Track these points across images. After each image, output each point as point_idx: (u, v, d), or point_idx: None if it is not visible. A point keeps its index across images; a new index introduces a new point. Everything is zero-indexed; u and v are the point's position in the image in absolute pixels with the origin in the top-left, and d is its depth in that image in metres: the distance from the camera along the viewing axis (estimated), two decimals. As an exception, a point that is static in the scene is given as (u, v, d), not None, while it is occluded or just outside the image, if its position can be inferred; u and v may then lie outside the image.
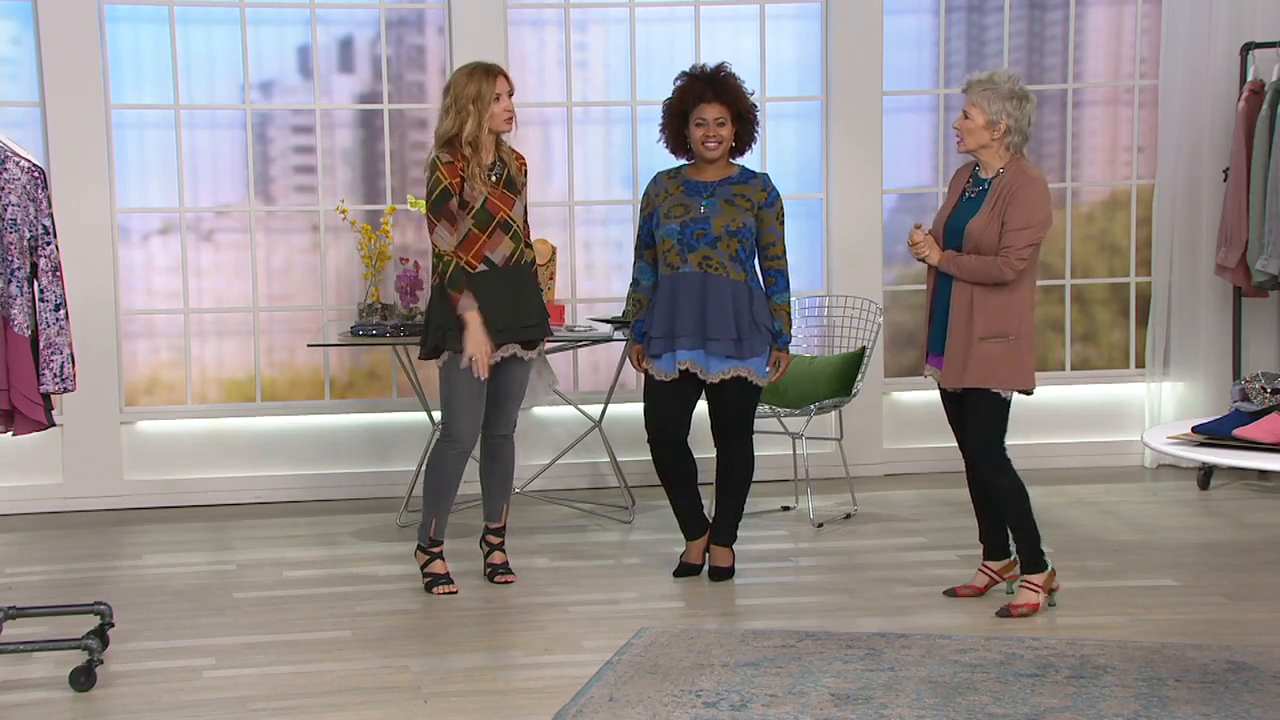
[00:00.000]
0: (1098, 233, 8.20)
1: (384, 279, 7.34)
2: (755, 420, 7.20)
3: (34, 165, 4.96)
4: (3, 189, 4.88)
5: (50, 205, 5.00)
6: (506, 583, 6.10)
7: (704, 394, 6.02)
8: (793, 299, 6.33)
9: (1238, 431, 4.48)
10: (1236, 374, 7.63)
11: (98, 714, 4.77)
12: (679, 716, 4.58)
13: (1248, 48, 7.58)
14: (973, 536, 6.74)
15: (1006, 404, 5.58)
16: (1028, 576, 5.66)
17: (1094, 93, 8.10)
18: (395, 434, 7.65)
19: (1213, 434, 4.55)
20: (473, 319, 5.78)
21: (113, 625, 5.30)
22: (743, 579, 6.09)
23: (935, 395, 7.98)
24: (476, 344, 5.78)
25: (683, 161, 6.06)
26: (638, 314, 6.10)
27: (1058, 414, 8.11)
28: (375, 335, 6.99)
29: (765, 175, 6.02)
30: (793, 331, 6.21)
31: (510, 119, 5.88)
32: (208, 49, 7.56)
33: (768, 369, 5.96)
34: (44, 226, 4.97)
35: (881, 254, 7.87)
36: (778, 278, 5.97)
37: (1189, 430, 4.64)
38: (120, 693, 4.91)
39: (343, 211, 7.41)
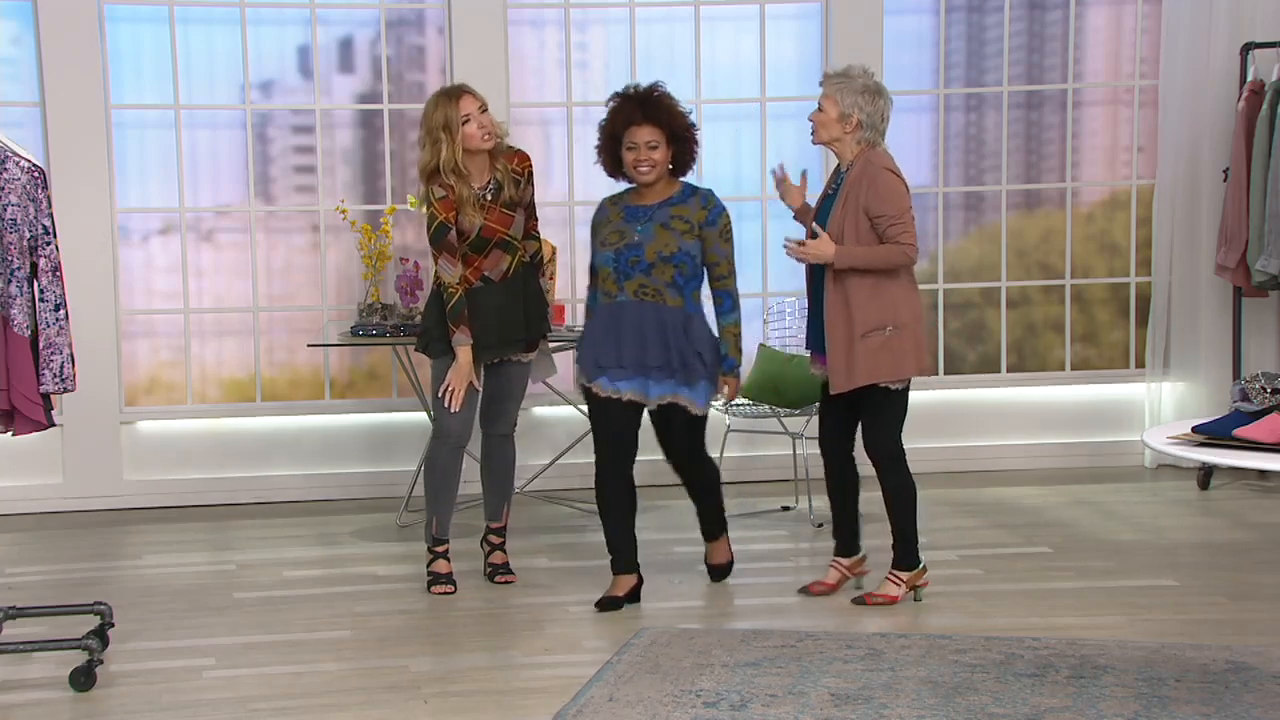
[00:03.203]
0: (1098, 233, 8.19)
1: (384, 279, 7.34)
2: (749, 421, 7.23)
3: (34, 165, 4.96)
4: (3, 189, 4.88)
5: (50, 205, 5.00)
6: (507, 583, 6.11)
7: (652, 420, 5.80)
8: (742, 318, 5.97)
9: (1238, 431, 4.47)
10: (1236, 374, 7.63)
11: (98, 714, 4.77)
12: (679, 716, 4.58)
13: (1248, 48, 7.57)
14: (972, 535, 6.76)
15: (902, 396, 5.63)
16: (896, 570, 5.74)
17: (1094, 93, 8.10)
18: (395, 434, 7.65)
19: (1213, 434, 4.55)
20: (464, 354, 5.82)
21: (113, 625, 5.30)
22: (743, 579, 6.09)
23: (935, 396, 8.07)
24: (459, 377, 5.82)
25: (629, 185, 5.81)
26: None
27: (1058, 414, 8.12)
28: (375, 335, 7.00)
29: (707, 192, 5.75)
30: (741, 356, 5.85)
31: (488, 135, 5.82)
32: (208, 49, 7.56)
33: (714, 395, 5.75)
34: (44, 226, 4.97)
35: (881, 254, 7.87)
36: (724, 298, 5.74)
37: (1189, 430, 4.64)
38: (120, 693, 4.92)
39: (343, 211, 7.41)
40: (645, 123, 5.64)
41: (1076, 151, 8.10)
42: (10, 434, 5.09)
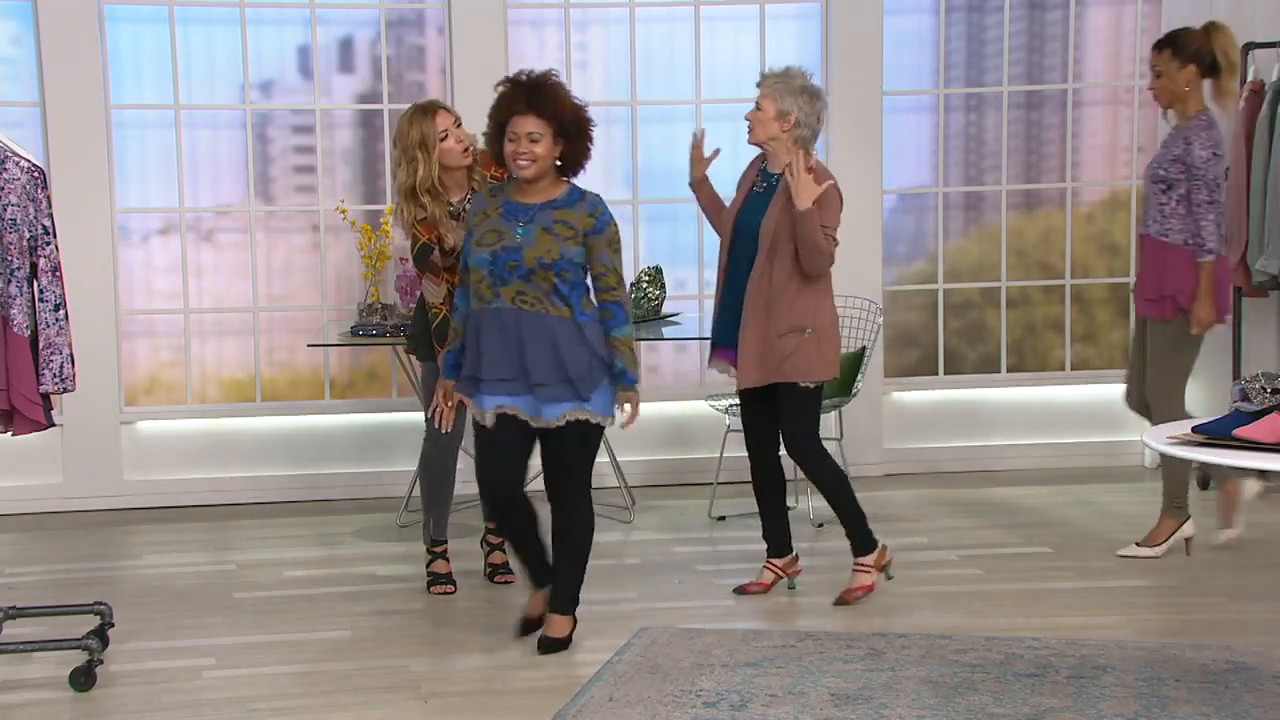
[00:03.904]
0: (1098, 233, 8.20)
1: (384, 279, 7.35)
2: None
3: (34, 165, 4.96)
4: (3, 189, 4.88)
5: (50, 205, 5.00)
6: (507, 583, 6.11)
7: (539, 442, 5.26)
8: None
9: (1238, 431, 4.47)
10: (1236, 374, 7.62)
11: (98, 714, 4.77)
12: (679, 716, 4.58)
13: (1248, 48, 7.56)
14: (972, 535, 6.76)
15: (816, 396, 5.70)
16: (860, 559, 5.82)
17: (1094, 93, 8.10)
18: (395, 434, 7.65)
19: (1213, 434, 4.55)
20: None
21: (113, 625, 5.30)
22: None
23: (936, 395, 8.08)
24: (445, 399, 5.76)
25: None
26: (452, 343, 5.35)
27: (1058, 414, 8.12)
28: (375, 335, 7.00)
29: (596, 198, 5.17)
30: (639, 369, 5.56)
31: (466, 150, 5.79)
32: (208, 49, 7.56)
33: (616, 410, 5.22)
34: (44, 226, 4.97)
35: (881, 254, 7.87)
36: (615, 310, 5.15)
37: (1189, 430, 4.64)
38: (120, 693, 4.92)
39: (343, 211, 7.42)
40: (529, 112, 5.04)
41: (1076, 151, 8.10)
42: (10, 434, 5.09)
